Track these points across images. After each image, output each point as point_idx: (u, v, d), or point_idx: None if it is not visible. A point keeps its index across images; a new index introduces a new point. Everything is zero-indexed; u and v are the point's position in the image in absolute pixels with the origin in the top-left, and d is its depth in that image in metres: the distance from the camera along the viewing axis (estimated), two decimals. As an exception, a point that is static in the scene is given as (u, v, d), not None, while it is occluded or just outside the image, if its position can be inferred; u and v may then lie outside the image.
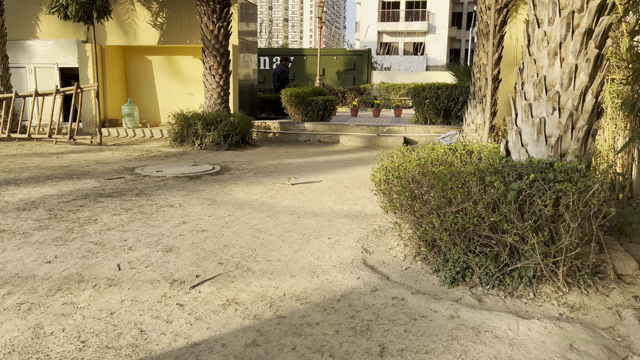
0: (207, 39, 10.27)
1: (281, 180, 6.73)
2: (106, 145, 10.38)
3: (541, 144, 3.48)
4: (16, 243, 4.08)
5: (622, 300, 3.05)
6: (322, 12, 20.92)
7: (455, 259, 3.37)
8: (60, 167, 7.65)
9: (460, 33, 44.77)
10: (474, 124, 8.22)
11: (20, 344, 2.56)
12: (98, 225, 4.59)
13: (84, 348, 2.53)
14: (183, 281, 3.36)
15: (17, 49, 12.29)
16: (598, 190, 2.99)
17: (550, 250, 3.07)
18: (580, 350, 2.50)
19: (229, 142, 9.80)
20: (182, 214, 4.99)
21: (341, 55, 21.93)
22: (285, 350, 2.52)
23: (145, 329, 2.72)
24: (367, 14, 43.57)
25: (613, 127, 4.96)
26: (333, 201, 5.62)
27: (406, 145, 4.62)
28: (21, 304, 3.00)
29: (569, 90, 3.39)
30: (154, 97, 13.05)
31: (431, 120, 11.85)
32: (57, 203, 5.38)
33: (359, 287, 3.27)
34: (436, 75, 21.25)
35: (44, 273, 3.47)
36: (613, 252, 3.64)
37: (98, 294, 3.16)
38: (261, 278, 3.43)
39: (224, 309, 2.97)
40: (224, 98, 10.61)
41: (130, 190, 6.06)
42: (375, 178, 4.05)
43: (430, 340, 2.62)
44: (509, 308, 2.99)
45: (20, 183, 6.39)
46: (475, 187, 3.21)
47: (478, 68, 8.16)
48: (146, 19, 11.87)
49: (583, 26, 3.33)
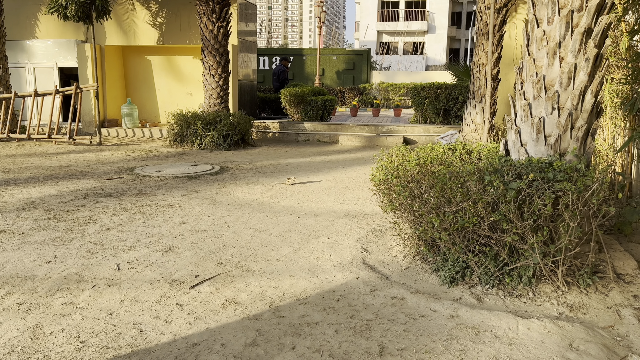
0: (207, 39, 10.26)
1: (281, 180, 6.73)
2: (105, 145, 10.38)
3: (540, 144, 3.47)
4: (15, 243, 4.08)
5: (622, 300, 3.05)
6: (322, 12, 20.91)
7: (454, 259, 3.37)
8: (59, 167, 7.65)
9: (459, 33, 44.76)
10: (474, 123, 8.22)
11: (19, 344, 2.56)
12: (97, 225, 4.59)
13: (83, 348, 2.53)
14: (182, 281, 3.36)
15: (16, 49, 12.29)
16: (597, 190, 2.99)
17: (550, 249, 3.07)
18: (580, 350, 2.50)
19: (229, 142, 9.80)
20: (182, 214, 4.99)
21: (341, 55, 21.92)
22: (284, 350, 2.52)
23: (144, 329, 2.72)
24: (366, 13, 43.57)
25: (612, 126, 4.96)
26: (332, 201, 5.62)
27: (406, 145, 4.62)
28: (20, 304, 3.00)
29: (568, 90, 3.39)
30: (154, 97, 13.04)
31: (431, 120, 11.85)
32: (56, 203, 5.37)
33: (359, 286, 3.27)
34: (436, 75, 21.25)
35: (43, 273, 3.47)
36: (612, 251, 3.64)
37: (97, 294, 3.16)
38: (260, 278, 3.42)
39: (223, 308, 2.97)
40: (224, 98, 10.61)
41: (130, 190, 6.05)
42: (375, 178, 4.05)
43: (430, 339, 2.62)
44: (508, 307, 2.99)
45: (19, 183, 6.39)
46: (475, 186, 3.21)
47: (477, 68, 8.16)
48: (145, 18, 11.87)
49: (582, 25, 3.32)
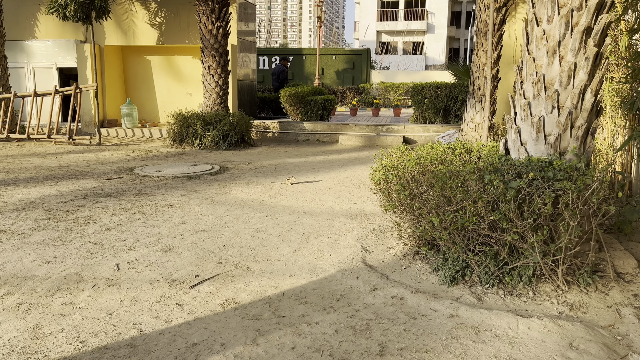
0: (206, 39, 10.26)
1: (280, 180, 6.72)
2: (105, 145, 10.37)
3: (540, 143, 3.47)
4: (15, 243, 4.08)
5: (622, 299, 3.05)
6: (321, 12, 20.92)
7: (454, 258, 3.37)
8: (59, 167, 7.65)
9: (459, 32, 44.74)
10: (473, 122, 8.22)
11: (19, 344, 2.55)
12: (97, 225, 4.59)
13: (83, 348, 2.53)
14: (182, 281, 3.36)
15: (15, 49, 12.28)
16: (597, 189, 2.99)
17: (550, 248, 3.07)
18: (580, 349, 2.49)
19: (228, 142, 9.80)
20: (182, 214, 4.98)
21: (340, 55, 21.91)
22: (284, 349, 2.52)
23: (144, 329, 2.72)
24: (366, 13, 43.54)
25: (612, 125, 4.96)
26: (332, 200, 5.62)
27: (405, 145, 4.62)
28: (20, 304, 2.99)
29: (568, 89, 3.38)
30: (153, 97, 13.04)
31: (430, 119, 11.84)
32: (56, 203, 5.37)
33: (359, 286, 3.27)
34: (435, 75, 21.24)
35: (43, 273, 3.46)
36: (612, 250, 3.63)
37: (97, 294, 3.16)
38: (260, 277, 3.42)
39: (223, 308, 2.97)
40: (223, 98, 10.60)
41: (130, 190, 6.05)
42: (375, 177, 4.04)
43: (430, 339, 2.61)
44: (508, 307, 2.99)
45: (19, 183, 6.38)
46: (475, 185, 3.21)
47: (477, 67, 8.16)
48: (145, 18, 11.86)
49: (582, 24, 3.32)
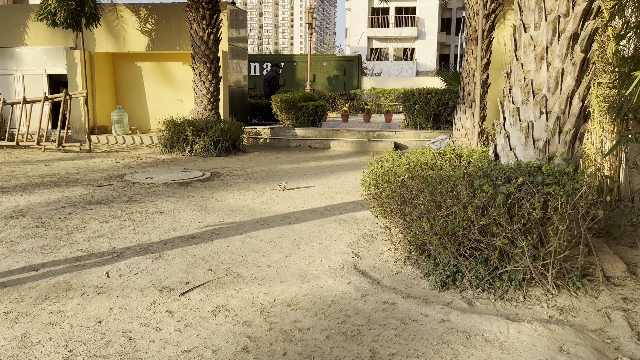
0: (197, 45, 10.25)
1: (272, 186, 6.71)
2: (95, 152, 10.31)
3: (529, 148, 3.50)
4: (3, 251, 4.03)
5: (611, 302, 3.07)
6: (312, 19, 21.00)
7: (445, 263, 3.38)
8: (48, 174, 7.59)
9: (449, 38, 45.06)
10: (464, 128, 8.27)
11: (7, 354, 2.52)
12: (87, 232, 4.55)
13: (71, 357, 2.50)
14: (172, 288, 3.34)
15: (5, 56, 12.20)
16: (586, 193, 3.02)
17: (540, 253, 3.08)
18: (570, 353, 2.50)
19: (219, 148, 9.78)
20: (172, 221, 4.96)
21: (331, 61, 21.99)
22: (275, 356, 2.51)
23: (134, 337, 2.70)
24: (357, 20, 43.74)
25: (600, 130, 5.01)
26: (324, 206, 5.61)
27: (396, 150, 4.63)
28: (8, 313, 2.96)
29: (556, 94, 3.42)
30: (144, 103, 12.99)
31: (421, 125, 11.90)
32: (45, 211, 5.32)
33: (350, 292, 3.27)
34: (426, 81, 21.38)
35: (31, 281, 3.43)
36: (601, 254, 3.66)
37: (86, 302, 3.13)
38: (251, 284, 3.41)
39: (214, 315, 2.95)
40: (214, 104, 10.59)
41: (120, 197, 6.01)
42: (365, 183, 4.05)
43: (421, 344, 2.61)
44: (499, 311, 3.00)
45: (7, 191, 6.32)
46: (465, 190, 3.23)
47: (467, 73, 8.22)
48: (135, 25, 11.84)
49: (569, 31, 3.36)
